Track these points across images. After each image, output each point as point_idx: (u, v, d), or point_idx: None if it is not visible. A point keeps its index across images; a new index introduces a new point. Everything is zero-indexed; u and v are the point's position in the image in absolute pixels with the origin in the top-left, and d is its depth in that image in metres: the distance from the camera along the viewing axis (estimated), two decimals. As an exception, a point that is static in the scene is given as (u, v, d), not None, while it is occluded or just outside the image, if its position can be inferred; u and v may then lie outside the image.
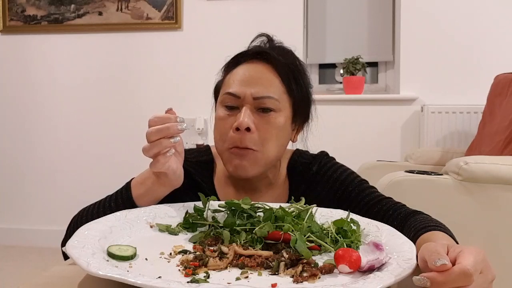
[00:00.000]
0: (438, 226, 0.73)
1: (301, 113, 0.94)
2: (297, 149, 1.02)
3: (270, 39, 0.98)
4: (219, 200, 0.92)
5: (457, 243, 0.70)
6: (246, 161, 0.87)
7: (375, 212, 0.87)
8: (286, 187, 0.98)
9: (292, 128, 0.94)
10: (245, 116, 0.85)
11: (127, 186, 0.87)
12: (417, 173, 1.50)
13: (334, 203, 0.93)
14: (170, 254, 0.66)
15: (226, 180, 0.99)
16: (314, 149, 1.04)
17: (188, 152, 0.98)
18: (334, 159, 1.02)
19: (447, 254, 0.53)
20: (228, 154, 0.88)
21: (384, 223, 0.79)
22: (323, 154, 1.01)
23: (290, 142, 0.99)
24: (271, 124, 0.87)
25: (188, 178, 0.94)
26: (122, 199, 0.85)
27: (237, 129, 0.86)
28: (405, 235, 0.71)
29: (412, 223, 0.78)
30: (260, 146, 0.87)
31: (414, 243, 0.68)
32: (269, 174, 0.96)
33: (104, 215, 0.77)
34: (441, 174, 1.50)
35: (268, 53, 0.91)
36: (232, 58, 0.96)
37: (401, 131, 2.71)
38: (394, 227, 0.75)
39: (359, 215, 0.83)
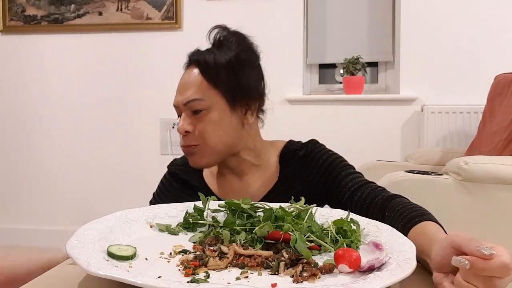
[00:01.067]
0: (424, 215, 0.76)
1: (241, 97, 0.99)
2: (291, 140, 1.10)
3: (223, 28, 1.02)
4: (210, 190, 1.05)
5: (443, 228, 0.73)
6: (193, 157, 0.99)
7: (356, 200, 0.92)
8: (277, 171, 1.05)
9: (237, 113, 0.99)
10: (181, 122, 0.97)
11: None
12: (417, 173, 1.50)
13: (321, 187, 1.00)
14: (170, 254, 0.66)
15: (215, 169, 1.08)
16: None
17: (177, 159, 1.15)
18: (323, 145, 1.08)
19: None
20: (184, 153, 1.02)
21: (365, 210, 0.86)
22: (312, 142, 1.08)
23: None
24: (205, 121, 0.96)
25: (177, 181, 1.09)
26: None
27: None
28: (388, 223, 0.75)
29: (393, 212, 0.81)
30: (201, 140, 0.97)
31: (405, 234, 0.71)
32: (247, 156, 1.03)
33: None
34: (441, 174, 1.50)
35: (193, 55, 1.00)
36: None
37: (401, 131, 2.71)
38: (374, 214, 0.80)
39: (342, 201, 0.92)
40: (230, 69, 0.97)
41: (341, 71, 2.86)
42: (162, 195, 1.11)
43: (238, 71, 0.98)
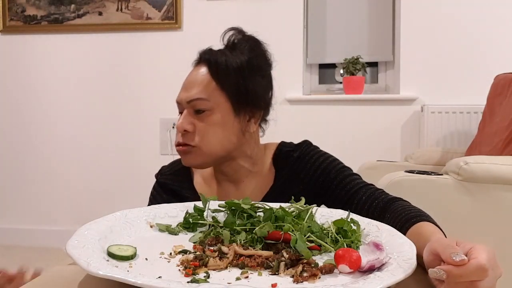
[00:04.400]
0: (422, 216, 0.76)
1: (246, 104, 0.97)
2: (282, 141, 1.08)
3: (239, 32, 1.00)
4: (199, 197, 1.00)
5: (441, 230, 0.73)
6: (188, 156, 0.96)
7: (355, 202, 0.92)
8: (272, 174, 1.03)
9: (240, 119, 0.97)
10: (181, 120, 0.95)
11: None
12: (417, 173, 1.50)
13: (318, 190, 0.98)
14: (170, 254, 0.66)
15: (208, 176, 1.06)
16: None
17: (164, 167, 1.11)
18: (317, 147, 1.05)
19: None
20: (177, 151, 0.99)
21: (365, 213, 0.84)
22: (306, 143, 1.06)
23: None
24: (207, 122, 0.94)
25: (166, 192, 1.05)
26: None
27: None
28: (388, 224, 0.74)
29: (393, 214, 0.81)
30: (198, 142, 0.94)
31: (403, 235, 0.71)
32: (244, 163, 1.01)
33: None
34: (441, 174, 1.50)
35: (204, 53, 0.99)
36: None
37: (401, 131, 2.71)
38: (374, 217, 0.79)
39: (341, 204, 0.90)
40: (240, 74, 0.95)
41: (341, 71, 2.86)
42: None
43: (248, 76, 0.96)
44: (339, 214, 0.79)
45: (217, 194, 1.03)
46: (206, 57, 0.97)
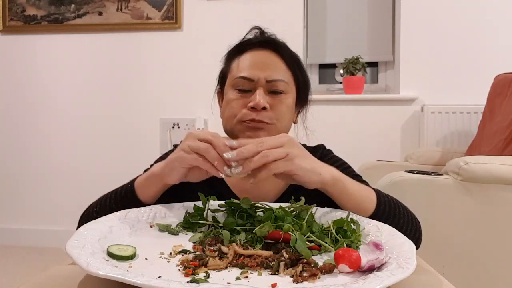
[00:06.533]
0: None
1: (302, 97, 1.03)
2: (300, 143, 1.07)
3: (262, 32, 1.05)
4: (227, 184, 0.98)
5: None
6: (261, 131, 0.93)
7: None
8: None
9: (296, 109, 1.03)
10: (261, 97, 0.92)
11: (132, 180, 0.90)
12: (417, 173, 1.50)
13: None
14: (170, 254, 0.66)
15: None
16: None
17: None
18: (331, 151, 1.09)
19: None
20: (242, 126, 0.94)
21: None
22: (322, 146, 1.09)
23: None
24: (282, 104, 0.96)
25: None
26: (125, 191, 0.88)
27: (253, 108, 0.92)
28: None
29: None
30: (275, 120, 0.95)
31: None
32: None
33: (110, 210, 0.80)
34: (441, 174, 1.50)
35: (273, 41, 1.01)
36: (236, 46, 1.03)
37: (401, 131, 2.71)
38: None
39: None
40: (302, 67, 1.02)
41: (341, 71, 2.86)
42: None
43: (304, 72, 1.03)
44: (339, 214, 0.79)
45: (235, 184, 1.00)
46: (275, 47, 0.99)
